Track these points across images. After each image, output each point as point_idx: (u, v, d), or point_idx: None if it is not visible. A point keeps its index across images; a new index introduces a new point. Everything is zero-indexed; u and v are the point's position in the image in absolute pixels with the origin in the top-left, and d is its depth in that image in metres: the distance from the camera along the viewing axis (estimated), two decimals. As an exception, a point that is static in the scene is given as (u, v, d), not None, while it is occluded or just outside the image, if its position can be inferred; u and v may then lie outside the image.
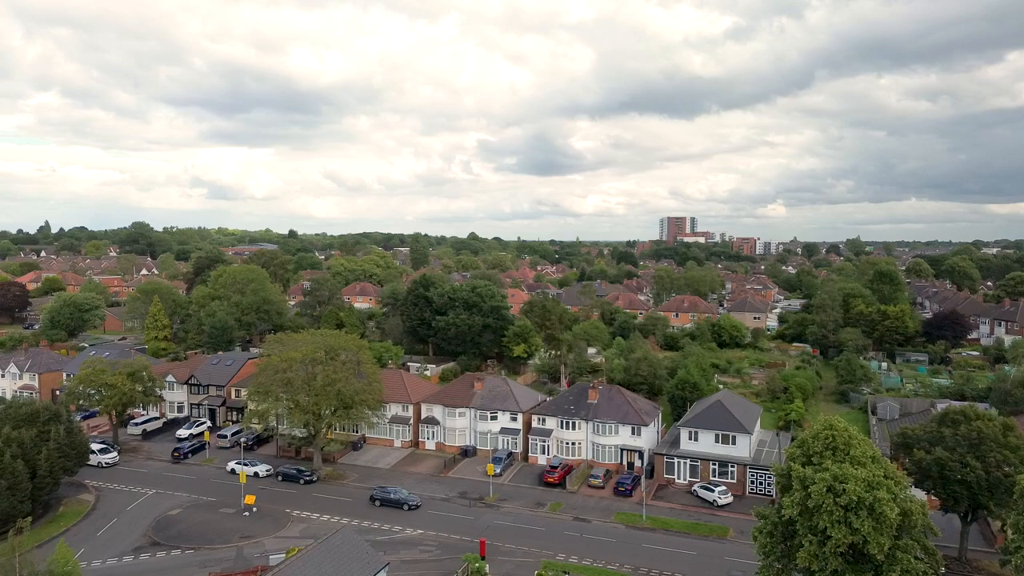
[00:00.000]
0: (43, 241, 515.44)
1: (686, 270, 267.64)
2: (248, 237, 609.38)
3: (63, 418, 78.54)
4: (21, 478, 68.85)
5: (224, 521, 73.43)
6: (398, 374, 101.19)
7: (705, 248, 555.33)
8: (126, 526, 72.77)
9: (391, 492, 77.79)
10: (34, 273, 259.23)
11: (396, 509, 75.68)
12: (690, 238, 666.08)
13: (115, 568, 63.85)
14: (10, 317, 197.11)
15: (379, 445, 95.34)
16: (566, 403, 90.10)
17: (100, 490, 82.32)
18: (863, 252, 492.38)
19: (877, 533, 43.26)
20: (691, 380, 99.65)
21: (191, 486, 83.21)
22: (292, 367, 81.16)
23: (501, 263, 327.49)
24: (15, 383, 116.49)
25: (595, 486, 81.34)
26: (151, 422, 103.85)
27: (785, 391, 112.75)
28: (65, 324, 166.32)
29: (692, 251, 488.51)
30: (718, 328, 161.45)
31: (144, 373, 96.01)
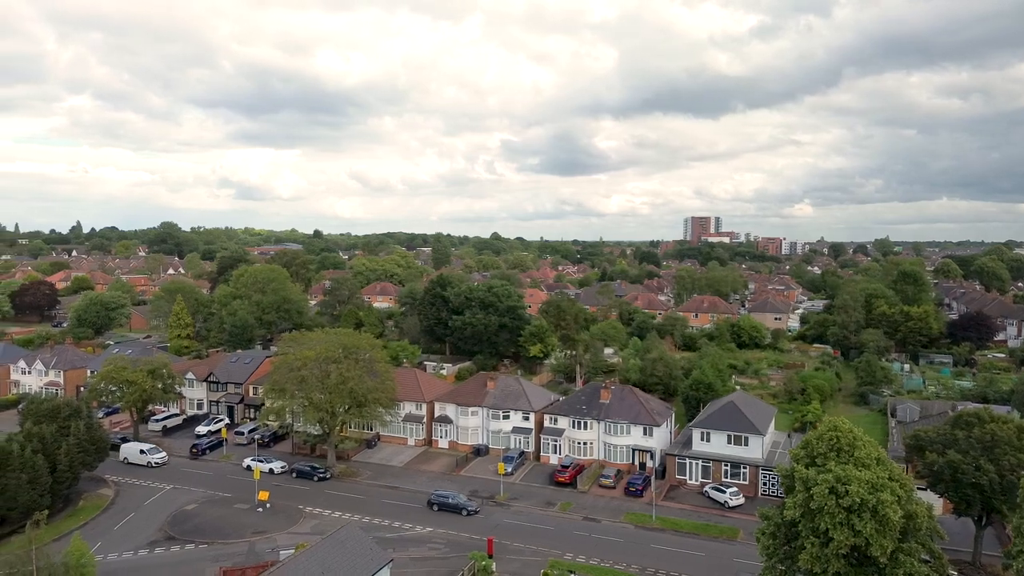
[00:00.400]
0: (75, 241, 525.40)
1: (708, 270, 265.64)
2: (274, 237, 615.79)
3: (83, 414, 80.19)
4: (41, 472, 70.50)
5: (238, 516, 74.56)
6: (412, 373, 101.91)
7: (729, 248, 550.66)
8: (143, 520, 74.17)
9: (449, 497, 75.89)
10: (64, 272, 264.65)
11: (454, 514, 74.33)
12: (714, 238, 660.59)
13: (130, 561, 65.15)
14: (40, 315, 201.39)
15: (393, 443, 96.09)
16: (578, 403, 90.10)
17: (119, 485, 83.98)
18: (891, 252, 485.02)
19: (880, 535, 42.83)
20: (706, 381, 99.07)
21: (208, 482, 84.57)
22: (306, 365, 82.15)
23: (522, 263, 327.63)
24: (41, 380, 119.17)
25: (606, 486, 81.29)
26: (171, 418, 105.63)
27: (802, 392, 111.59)
28: (92, 322, 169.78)
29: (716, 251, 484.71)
30: (737, 329, 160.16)
31: (164, 370, 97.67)
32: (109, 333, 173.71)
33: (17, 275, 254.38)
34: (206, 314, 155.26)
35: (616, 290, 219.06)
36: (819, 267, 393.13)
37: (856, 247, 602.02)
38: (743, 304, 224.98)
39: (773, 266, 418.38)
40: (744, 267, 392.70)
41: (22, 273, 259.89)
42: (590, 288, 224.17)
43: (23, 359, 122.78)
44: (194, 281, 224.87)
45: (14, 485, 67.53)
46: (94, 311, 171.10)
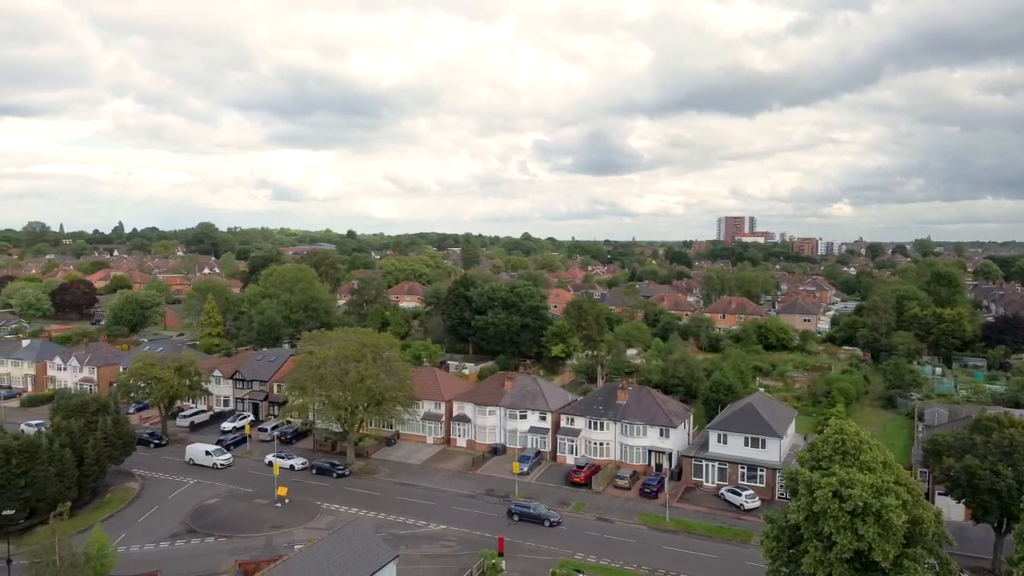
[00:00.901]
0: (116, 241, 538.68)
1: (738, 271, 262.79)
2: (309, 237, 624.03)
3: (111, 409, 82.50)
4: (69, 465, 72.77)
5: (257, 511, 76.10)
6: (432, 372, 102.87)
7: (763, 248, 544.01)
8: (166, 513, 76.13)
9: (530, 507, 72.82)
10: (103, 272, 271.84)
11: (536, 525, 71.54)
12: (748, 238, 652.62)
13: (151, 552, 66.95)
14: (79, 313, 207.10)
15: (412, 441, 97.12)
16: (595, 403, 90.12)
17: (145, 479, 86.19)
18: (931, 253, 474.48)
19: (883, 540, 42.30)
20: (726, 382, 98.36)
21: (230, 477, 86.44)
22: (325, 364, 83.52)
23: (550, 263, 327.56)
24: (76, 376, 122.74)
25: (621, 487, 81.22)
26: (199, 415, 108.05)
27: (827, 395, 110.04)
28: (128, 320, 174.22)
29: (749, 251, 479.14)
30: (764, 330, 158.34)
31: (190, 368, 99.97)
32: (144, 331, 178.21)
33: (59, 274, 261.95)
34: (236, 313, 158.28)
35: (643, 291, 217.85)
36: (855, 268, 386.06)
37: (895, 247, 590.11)
38: (774, 305, 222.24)
39: (807, 267, 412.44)
40: (778, 268, 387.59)
41: (64, 272, 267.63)
42: (617, 289, 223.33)
43: (59, 356, 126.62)
44: (227, 280, 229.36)
45: (43, 477, 69.78)
46: (130, 309, 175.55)
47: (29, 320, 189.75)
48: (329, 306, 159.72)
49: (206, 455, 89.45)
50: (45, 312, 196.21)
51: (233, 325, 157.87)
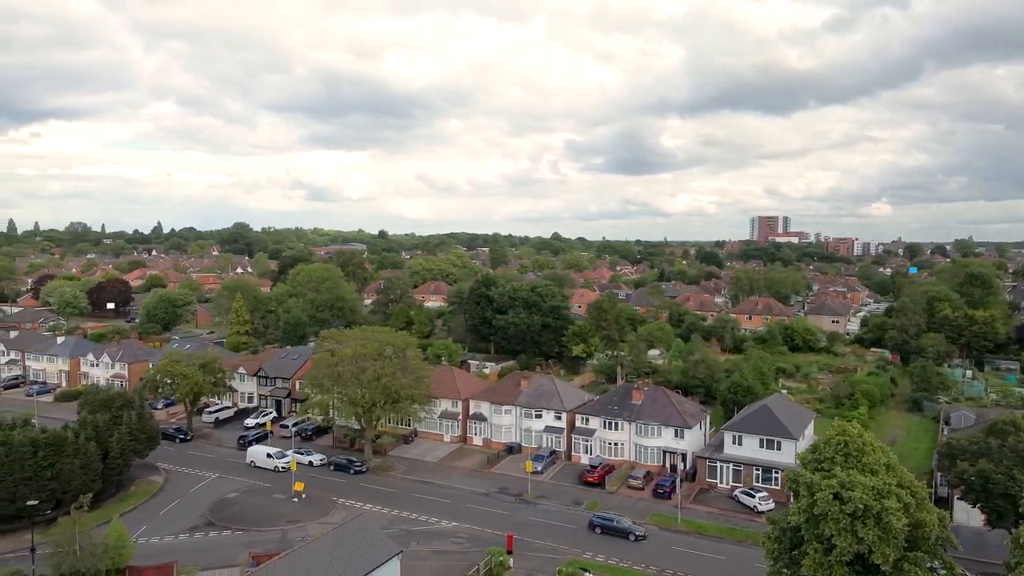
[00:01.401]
0: (155, 241, 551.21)
1: (767, 271, 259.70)
2: (341, 237, 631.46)
3: (135, 404, 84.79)
4: (93, 458, 74.97)
5: (275, 506, 77.62)
6: (449, 371, 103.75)
7: (797, 249, 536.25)
8: (187, 507, 78.04)
9: (614, 520, 69.69)
10: (140, 271, 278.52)
11: (620, 539, 68.34)
12: (782, 238, 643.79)
13: (170, 544, 68.75)
14: (115, 311, 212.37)
15: (430, 439, 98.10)
16: (610, 403, 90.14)
17: (169, 472, 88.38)
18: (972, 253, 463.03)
19: (883, 543, 41.91)
20: (744, 383, 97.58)
21: (250, 472, 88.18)
22: (342, 362, 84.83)
23: (578, 263, 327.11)
24: (108, 372, 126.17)
25: (634, 487, 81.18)
26: (223, 411, 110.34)
27: (850, 397, 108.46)
28: (160, 318, 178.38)
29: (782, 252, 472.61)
30: (790, 331, 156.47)
31: (214, 365, 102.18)
32: (176, 329, 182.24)
33: (97, 273, 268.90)
34: (264, 311, 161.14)
35: (669, 291, 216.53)
36: (892, 268, 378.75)
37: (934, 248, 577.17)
38: (804, 307, 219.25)
39: (841, 268, 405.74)
40: (811, 268, 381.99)
41: (102, 271, 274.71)
42: (643, 289, 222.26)
43: (92, 352, 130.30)
44: (257, 280, 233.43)
45: (68, 470, 72.03)
46: (162, 308, 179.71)
47: (67, 318, 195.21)
48: (354, 305, 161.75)
49: (267, 458, 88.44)
50: (82, 310, 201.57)
51: (261, 323, 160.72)
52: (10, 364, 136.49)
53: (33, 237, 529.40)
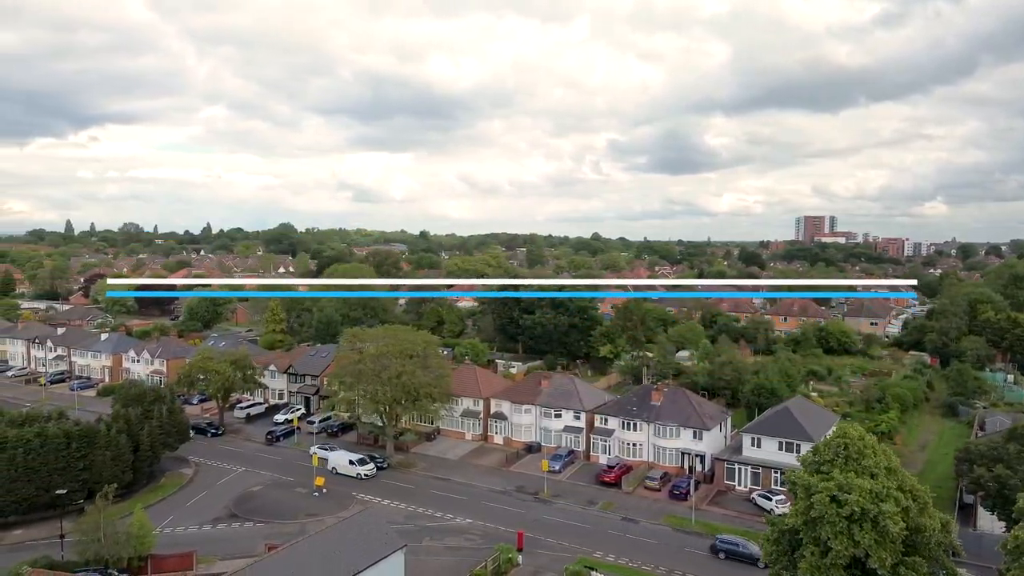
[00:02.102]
0: (204, 241, 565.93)
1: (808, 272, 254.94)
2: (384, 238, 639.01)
3: (166, 399, 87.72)
4: (124, 450, 77.89)
5: (296, 500, 79.56)
6: (472, 370, 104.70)
7: (844, 249, 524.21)
8: (213, 499, 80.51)
9: (739, 545, 64.70)
10: (186, 270, 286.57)
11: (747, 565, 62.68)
12: (828, 238, 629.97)
13: (193, 534, 71.05)
14: (160, 309, 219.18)
15: (451, 437, 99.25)
16: (629, 404, 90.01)
17: (199, 465, 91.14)
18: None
19: (879, 547, 41.44)
20: (768, 385, 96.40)
21: (276, 466, 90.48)
22: (364, 360, 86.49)
23: (615, 263, 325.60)
24: (147, 368, 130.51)
25: (651, 488, 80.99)
26: (255, 407, 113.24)
27: (880, 401, 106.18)
28: (201, 316, 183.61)
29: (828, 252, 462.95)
30: (825, 333, 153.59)
31: (244, 362, 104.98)
32: (217, 327, 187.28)
33: (146, 273, 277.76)
34: (299, 310, 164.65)
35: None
36: (943, 269, 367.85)
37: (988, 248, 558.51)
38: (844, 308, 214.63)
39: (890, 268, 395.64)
40: (856, 269, 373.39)
41: (151, 271, 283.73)
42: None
43: (133, 349, 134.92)
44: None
45: (99, 461, 75.02)
46: (204, 306, 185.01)
47: (114, 315, 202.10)
48: (386, 304, 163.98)
49: (350, 464, 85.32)
50: (129, 308, 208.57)
51: (296, 322, 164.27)
52: (57, 360, 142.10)
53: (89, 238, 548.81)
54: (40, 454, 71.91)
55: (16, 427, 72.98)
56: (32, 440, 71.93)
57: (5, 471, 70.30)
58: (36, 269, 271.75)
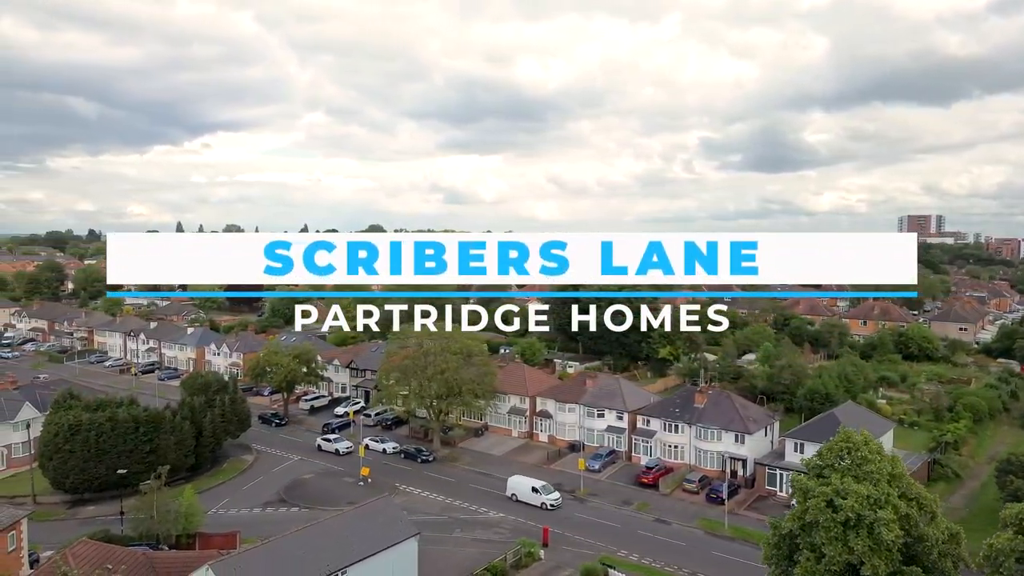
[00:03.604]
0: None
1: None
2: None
3: (229, 389, 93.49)
4: (187, 436, 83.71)
5: (342, 488, 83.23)
6: (520, 368, 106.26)
7: (951, 250, 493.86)
8: (267, 484, 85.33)
9: None
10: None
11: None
12: (934, 239, 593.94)
13: (243, 516, 75.80)
14: (248, 307, 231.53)
15: (499, 434, 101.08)
16: (672, 406, 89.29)
17: (260, 453, 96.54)
18: None
19: (874, 554, 40.33)
20: (822, 390, 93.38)
21: (329, 456, 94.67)
22: (408, 356, 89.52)
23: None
24: (226, 361, 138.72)
25: (689, 491, 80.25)
26: (318, 400, 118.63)
27: (950, 410, 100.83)
28: (283, 313, 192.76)
29: (931, 254, 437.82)
30: (905, 338, 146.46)
31: (307, 356, 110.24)
32: (298, 323, 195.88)
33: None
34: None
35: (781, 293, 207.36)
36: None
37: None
38: (935, 311, 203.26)
39: (1000, 271, 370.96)
40: (962, 272, 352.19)
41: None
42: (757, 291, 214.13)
43: (214, 342, 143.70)
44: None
45: (164, 445, 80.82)
46: (284, 304, 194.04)
47: (206, 311, 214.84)
48: (454, 303, 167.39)
49: (532, 492, 76.76)
50: (220, 305, 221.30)
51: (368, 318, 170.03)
52: (148, 351, 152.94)
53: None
54: (110, 437, 78.18)
55: (90, 412, 79.58)
56: (104, 424, 78.32)
57: (79, 452, 76.97)
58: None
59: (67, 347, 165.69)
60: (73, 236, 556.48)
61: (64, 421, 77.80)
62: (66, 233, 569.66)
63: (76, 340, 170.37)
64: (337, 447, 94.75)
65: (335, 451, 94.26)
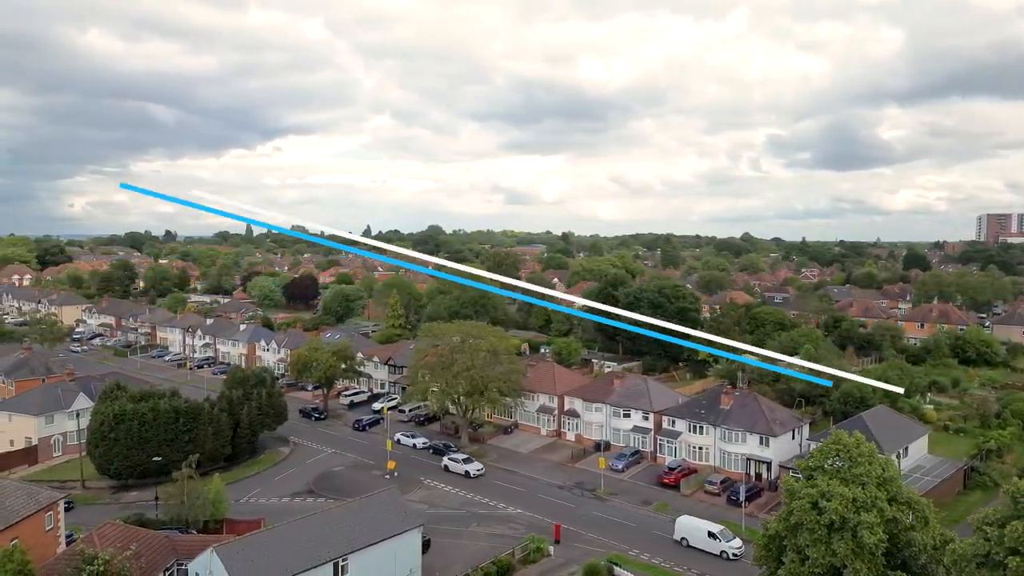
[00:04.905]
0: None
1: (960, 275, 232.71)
2: (528, 239, 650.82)
3: (267, 383, 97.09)
4: (224, 427, 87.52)
5: (369, 481, 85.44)
6: (550, 367, 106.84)
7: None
8: (299, 475, 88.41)
9: None
10: (334, 268, 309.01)
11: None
12: (1016, 238, 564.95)
13: (272, 505, 78.81)
14: (305, 304, 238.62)
15: (528, 432, 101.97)
16: (697, 407, 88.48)
17: (297, 445, 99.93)
18: None
19: (856, 558, 39.70)
20: (856, 394, 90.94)
21: (361, 450, 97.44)
22: (435, 354, 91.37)
23: (753, 265, 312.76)
24: (275, 356, 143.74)
25: (711, 492, 79.60)
26: (358, 395, 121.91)
27: (998, 416, 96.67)
28: (335, 311, 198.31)
29: (1012, 254, 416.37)
30: (962, 342, 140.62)
31: (345, 352, 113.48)
32: (349, 321, 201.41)
33: (300, 270, 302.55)
34: (417, 306, 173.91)
35: (838, 295, 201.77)
36: None
37: None
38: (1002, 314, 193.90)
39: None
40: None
41: (305, 268, 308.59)
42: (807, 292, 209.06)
43: (264, 339, 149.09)
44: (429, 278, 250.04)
45: (202, 435, 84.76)
46: (337, 301, 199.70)
47: (264, 309, 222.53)
48: (497, 303, 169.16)
49: (708, 537, 65.74)
50: (277, 302, 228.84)
51: (414, 317, 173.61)
52: (204, 347, 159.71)
53: (264, 239, 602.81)
54: (152, 427, 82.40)
55: (135, 403, 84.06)
56: (146, 414, 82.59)
57: (123, 440, 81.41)
58: (208, 267, 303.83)
59: (131, 342, 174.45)
60: (150, 237, 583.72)
61: (110, 411, 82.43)
62: (144, 234, 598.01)
63: (140, 335, 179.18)
64: (467, 469, 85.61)
65: (464, 473, 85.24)
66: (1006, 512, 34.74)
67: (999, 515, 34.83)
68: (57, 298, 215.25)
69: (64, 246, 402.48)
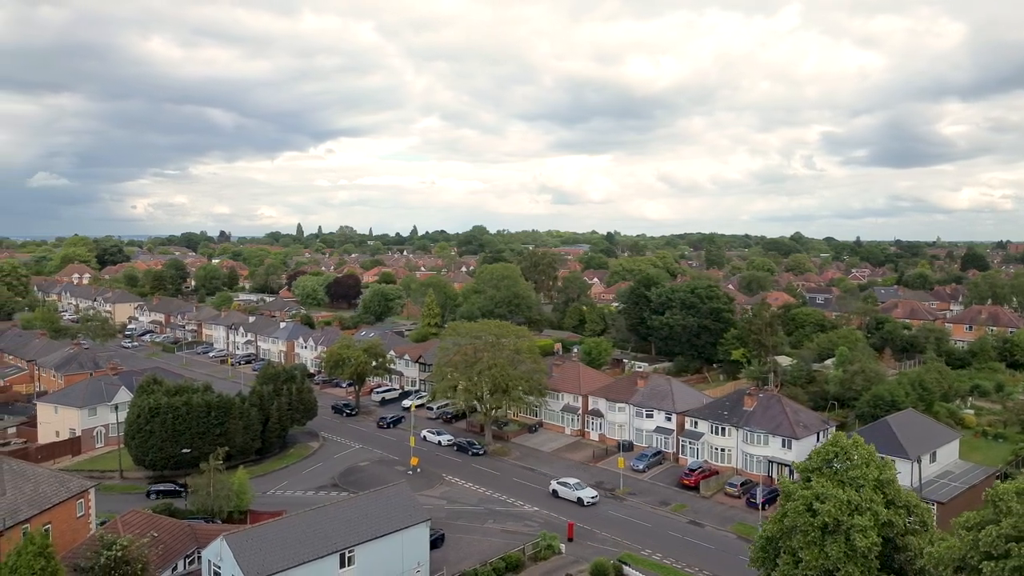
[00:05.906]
0: (408, 243, 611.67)
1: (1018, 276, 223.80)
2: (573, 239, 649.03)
3: (297, 380, 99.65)
4: (254, 422, 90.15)
5: (391, 476, 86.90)
6: (576, 366, 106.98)
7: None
8: (326, 469, 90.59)
9: None
10: (377, 268, 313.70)
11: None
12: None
13: (297, 498, 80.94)
14: (347, 303, 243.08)
15: (552, 431, 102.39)
16: (721, 408, 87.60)
17: (326, 440, 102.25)
18: None
19: (849, 561, 39.21)
20: (887, 397, 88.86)
21: (388, 446, 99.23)
22: (457, 352, 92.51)
23: (800, 265, 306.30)
24: (312, 353, 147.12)
25: (731, 494, 78.87)
26: (389, 392, 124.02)
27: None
28: (374, 310, 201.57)
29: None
30: (1011, 345, 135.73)
31: (375, 350, 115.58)
32: (388, 319, 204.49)
33: (345, 269, 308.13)
34: (452, 306, 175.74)
35: (885, 295, 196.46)
36: None
37: None
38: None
39: None
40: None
41: (350, 267, 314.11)
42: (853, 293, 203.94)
43: (302, 336, 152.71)
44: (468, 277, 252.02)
45: (233, 429, 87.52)
46: (377, 300, 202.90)
47: (308, 308, 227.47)
48: (531, 302, 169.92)
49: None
50: (320, 301, 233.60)
51: (450, 316, 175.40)
52: (247, 344, 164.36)
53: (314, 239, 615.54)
54: (185, 420, 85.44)
55: (169, 396, 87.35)
56: (180, 408, 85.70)
57: (158, 432, 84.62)
58: (257, 267, 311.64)
59: (179, 339, 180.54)
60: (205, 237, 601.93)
61: (146, 404, 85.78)
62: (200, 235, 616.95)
63: (187, 332, 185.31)
64: (580, 495, 77.53)
65: (577, 500, 77.43)
66: (986, 516, 33.90)
67: (979, 519, 34.01)
68: (112, 296, 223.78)
69: (123, 246, 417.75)
